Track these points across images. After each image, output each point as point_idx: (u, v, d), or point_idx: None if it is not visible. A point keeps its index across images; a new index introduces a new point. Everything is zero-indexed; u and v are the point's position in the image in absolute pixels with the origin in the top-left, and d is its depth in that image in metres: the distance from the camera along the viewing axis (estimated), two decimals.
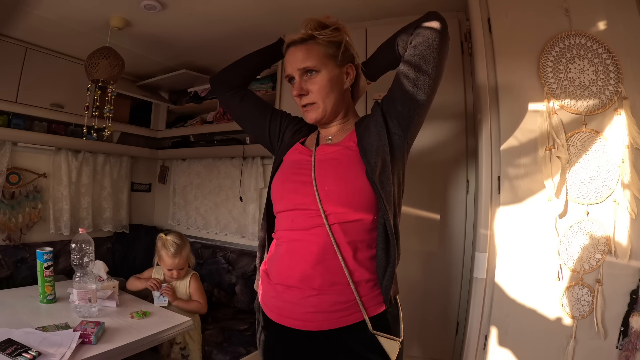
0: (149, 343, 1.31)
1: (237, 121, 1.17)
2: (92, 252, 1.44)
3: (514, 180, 1.25)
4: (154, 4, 1.70)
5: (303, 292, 0.85)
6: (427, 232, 1.67)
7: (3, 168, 2.16)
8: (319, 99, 0.92)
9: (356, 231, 0.85)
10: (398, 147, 0.88)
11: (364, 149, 0.86)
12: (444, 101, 1.65)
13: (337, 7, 1.70)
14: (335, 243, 0.83)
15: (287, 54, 0.96)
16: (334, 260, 0.83)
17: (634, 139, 1.13)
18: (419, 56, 0.83)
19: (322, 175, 0.87)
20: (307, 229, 0.86)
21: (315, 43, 0.91)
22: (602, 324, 1.15)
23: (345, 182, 0.85)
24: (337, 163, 0.89)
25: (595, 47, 1.19)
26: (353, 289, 0.82)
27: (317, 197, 0.85)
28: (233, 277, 2.41)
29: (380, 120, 0.88)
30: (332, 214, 0.84)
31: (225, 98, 1.12)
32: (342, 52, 0.92)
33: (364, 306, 0.82)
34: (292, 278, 0.87)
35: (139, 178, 3.09)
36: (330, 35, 0.91)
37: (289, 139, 1.04)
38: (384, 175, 0.84)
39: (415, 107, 0.85)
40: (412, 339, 1.67)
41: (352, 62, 0.96)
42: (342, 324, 0.83)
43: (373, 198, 0.83)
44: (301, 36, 0.93)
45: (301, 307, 0.85)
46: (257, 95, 1.14)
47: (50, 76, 2.23)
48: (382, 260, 0.84)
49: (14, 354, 1.02)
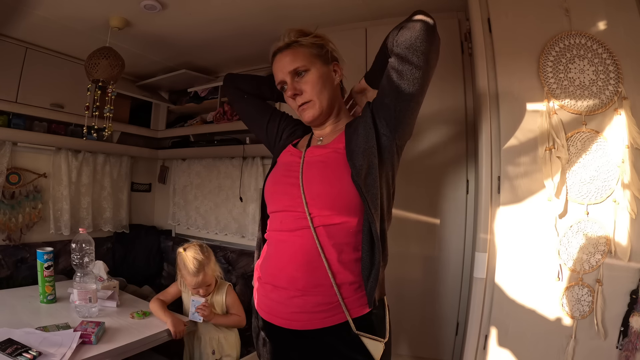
0: (149, 343, 1.31)
1: (240, 117, 1.23)
2: (92, 252, 1.44)
3: (514, 180, 1.25)
4: (154, 4, 1.70)
5: (288, 293, 0.87)
6: (427, 232, 1.67)
7: (3, 168, 2.16)
8: (313, 96, 0.93)
9: (341, 234, 0.85)
10: (386, 149, 0.87)
11: (351, 151, 0.86)
12: (444, 101, 1.66)
13: (337, 7, 1.70)
14: (319, 245, 0.84)
15: (274, 62, 0.98)
16: (318, 262, 0.84)
17: (634, 139, 1.13)
18: (405, 47, 0.80)
19: (309, 178, 0.88)
20: (293, 231, 0.88)
21: (299, 46, 0.94)
22: (602, 324, 1.15)
23: (331, 185, 0.86)
24: (324, 166, 0.89)
25: (595, 47, 1.19)
26: (336, 291, 0.83)
27: (303, 200, 0.86)
28: (233, 277, 2.41)
29: (369, 122, 0.88)
30: (317, 217, 0.85)
31: (230, 92, 1.19)
32: (326, 52, 0.96)
33: (347, 307, 0.83)
34: (279, 278, 0.89)
35: (139, 178, 3.09)
36: (312, 39, 0.95)
37: (285, 140, 1.07)
38: (370, 178, 0.83)
39: (401, 100, 0.83)
40: (412, 339, 1.67)
41: (338, 62, 0.99)
42: (326, 324, 0.84)
43: (358, 201, 0.83)
44: (286, 42, 0.95)
45: (287, 307, 0.87)
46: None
47: (50, 76, 2.23)
48: (367, 262, 0.84)
49: (14, 354, 1.02)
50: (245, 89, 1.15)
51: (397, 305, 1.12)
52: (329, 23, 1.81)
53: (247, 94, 1.15)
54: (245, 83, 1.16)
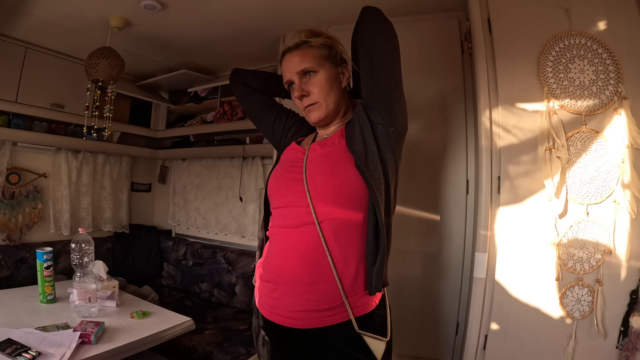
0: (149, 343, 1.31)
1: (246, 113, 1.22)
2: (92, 252, 1.44)
3: (514, 180, 1.25)
4: (154, 4, 1.70)
5: (291, 290, 0.86)
6: (427, 232, 1.67)
7: (3, 168, 2.16)
8: (320, 97, 0.94)
9: (346, 228, 0.85)
10: (383, 136, 0.88)
11: (350, 141, 0.88)
12: (444, 101, 1.66)
13: (337, 7, 1.70)
14: (324, 241, 0.84)
15: (283, 61, 0.98)
16: (322, 259, 0.84)
17: (634, 139, 1.13)
18: (362, 35, 0.90)
19: (313, 173, 0.89)
20: (297, 227, 0.87)
21: (309, 47, 0.95)
22: (602, 324, 1.15)
23: (334, 178, 0.86)
24: (326, 160, 0.90)
25: (595, 47, 1.19)
26: (340, 289, 0.83)
27: (307, 194, 0.86)
28: (233, 277, 2.41)
29: (363, 116, 0.89)
30: (321, 211, 0.85)
31: (237, 88, 1.18)
32: (335, 53, 0.96)
33: (350, 306, 0.84)
34: (282, 276, 0.88)
35: (139, 178, 3.09)
36: (322, 40, 0.96)
37: (290, 137, 1.07)
38: (371, 163, 0.84)
39: (382, 82, 0.86)
40: (412, 339, 1.67)
41: (346, 65, 1.00)
42: (329, 322, 0.84)
43: (363, 190, 0.84)
44: (296, 42, 0.96)
45: (290, 305, 0.87)
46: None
47: (50, 76, 2.23)
48: (372, 249, 0.84)
49: (14, 354, 1.02)
50: (253, 85, 1.14)
51: (397, 305, 1.12)
52: (328, 23, 1.79)
53: (255, 90, 1.14)
54: (253, 79, 1.15)
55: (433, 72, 1.67)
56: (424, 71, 1.66)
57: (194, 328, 1.50)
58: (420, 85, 1.64)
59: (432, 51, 1.67)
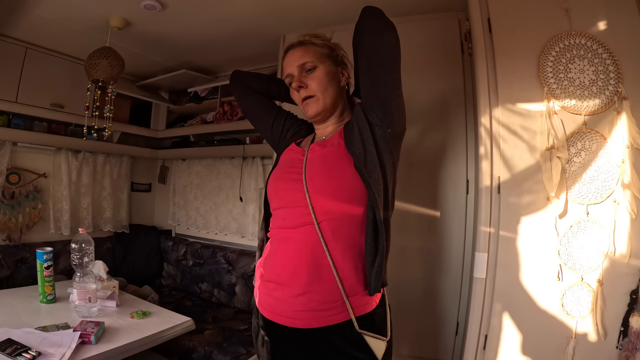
0: (149, 343, 1.31)
1: (246, 115, 1.23)
2: (92, 252, 1.44)
3: (514, 180, 1.25)
4: (154, 4, 1.70)
5: (292, 291, 0.87)
6: (427, 232, 1.67)
7: (3, 168, 2.16)
8: (318, 91, 0.95)
9: (345, 227, 0.86)
10: (381, 137, 0.88)
11: (349, 142, 0.88)
12: (445, 101, 1.66)
13: (337, 7, 1.70)
14: (323, 241, 0.84)
15: (285, 57, 1.00)
16: (322, 259, 0.84)
17: (634, 139, 1.13)
18: (361, 36, 0.89)
19: (312, 173, 0.89)
20: (296, 227, 0.88)
21: (311, 44, 0.98)
22: (602, 324, 1.15)
23: (332, 177, 0.87)
24: (325, 160, 0.91)
25: (595, 47, 1.19)
26: (340, 289, 0.84)
27: (306, 194, 0.87)
28: (233, 277, 2.41)
29: (362, 117, 0.89)
30: (320, 210, 0.85)
31: (237, 90, 1.19)
32: (337, 54, 1.00)
33: (351, 305, 0.84)
34: (282, 276, 0.89)
35: (139, 178, 3.09)
36: (325, 40, 1.00)
37: (289, 139, 1.08)
38: (370, 163, 0.85)
39: (380, 84, 0.86)
40: (412, 339, 1.67)
41: (346, 66, 1.02)
42: (330, 322, 0.84)
43: (361, 190, 0.84)
44: (299, 39, 0.99)
45: (291, 305, 0.87)
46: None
47: (50, 76, 2.23)
48: (371, 248, 0.84)
49: (14, 354, 1.02)
50: (253, 86, 1.16)
51: (397, 305, 1.12)
52: (328, 23, 1.80)
53: (255, 91, 1.15)
54: (253, 81, 1.16)
55: (433, 72, 1.67)
56: (424, 71, 1.66)
57: (194, 328, 1.50)
58: (420, 85, 1.64)
59: (432, 51, 1.67)
